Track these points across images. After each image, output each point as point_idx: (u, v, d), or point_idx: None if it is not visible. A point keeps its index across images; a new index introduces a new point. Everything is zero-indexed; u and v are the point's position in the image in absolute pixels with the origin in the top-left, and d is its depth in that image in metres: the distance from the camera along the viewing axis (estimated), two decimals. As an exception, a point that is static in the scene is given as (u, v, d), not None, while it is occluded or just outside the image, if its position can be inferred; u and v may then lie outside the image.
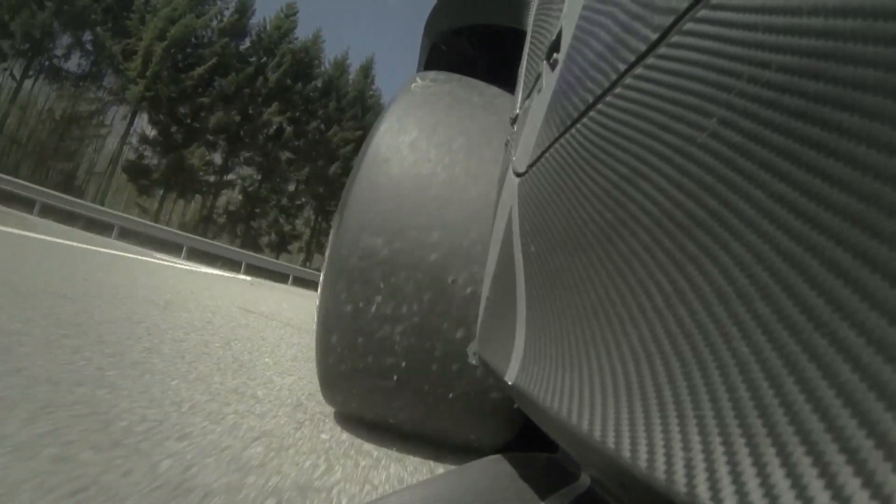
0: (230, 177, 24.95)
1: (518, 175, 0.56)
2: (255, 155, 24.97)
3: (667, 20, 0.24)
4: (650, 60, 0.26)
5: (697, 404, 0.17)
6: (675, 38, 0.23)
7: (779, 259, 0.15)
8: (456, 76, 1.01)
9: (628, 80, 0.28)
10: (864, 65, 0.13)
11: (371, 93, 27.42)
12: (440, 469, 0.81)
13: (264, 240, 25.08)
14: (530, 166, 0.50)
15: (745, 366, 0.15)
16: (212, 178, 23.93)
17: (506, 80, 1.03)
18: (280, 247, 25.03)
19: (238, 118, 23.32)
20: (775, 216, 0.15)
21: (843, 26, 0.14)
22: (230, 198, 25.47)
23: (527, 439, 0.87)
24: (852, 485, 0.11)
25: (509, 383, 0.43)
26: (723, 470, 0.15)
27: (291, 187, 25.77)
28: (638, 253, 0.24)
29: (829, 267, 0.13)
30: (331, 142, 24.97)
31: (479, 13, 1.15)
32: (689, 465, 0.17)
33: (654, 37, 0.25)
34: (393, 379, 0.75)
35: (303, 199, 25.79)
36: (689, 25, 0.22)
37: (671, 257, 0.21)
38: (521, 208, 0.51)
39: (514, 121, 0.75)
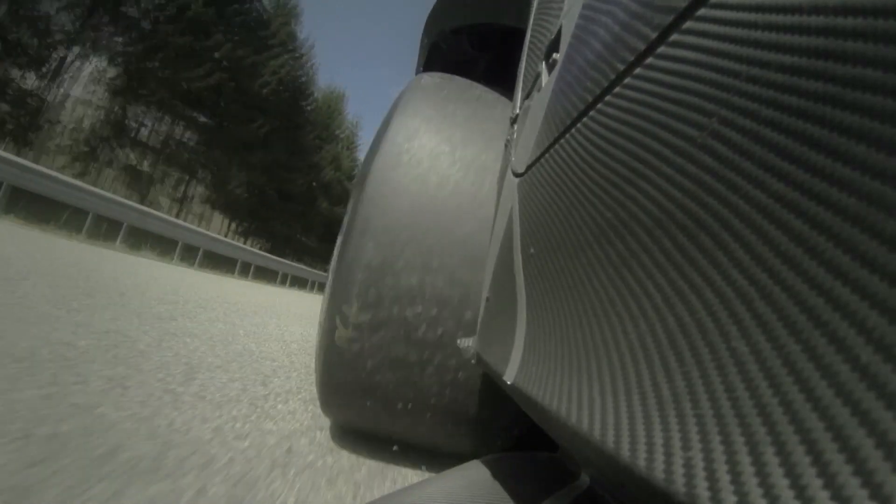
0: None
1: (517, 175, 0.56)
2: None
3: (666, 19, 0.24)
4: (650, 60, 0.26)
5: (697, 404, 0.17)
6: (674, 38, 0.23)
7: (778, 259, 0.15)
8: (456, 78, 1.02)
9: (628, 80, 0.28)
10: (864, 64, 0.13)
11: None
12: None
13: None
14: (530, 167, 0.50)
15: (745, 365, 0.15)
16: None
17: (506, 80, 1.03)
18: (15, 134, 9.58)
19: None
20: (775, 216, 0.15)
21: (843, 25, 0.14)
22: None
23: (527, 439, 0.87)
24: (852, 485, 0.11)
25: (508, 383, 0.43)
26: (722, 469, 0.15)
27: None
28: (637, 253, 0.24)
29: (829, 267, 0.13)
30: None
31: (479, 12, 1.15)
32: (688, 465, 0.17)
33: (654, 36, 0.25)
34: (397, 395, 0.74)
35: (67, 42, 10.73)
36: (688, 24, 0.22)
37: (671, 257, 0.21)
38: (521, 208, 0.51)
39: (513, 121, 0.75)
